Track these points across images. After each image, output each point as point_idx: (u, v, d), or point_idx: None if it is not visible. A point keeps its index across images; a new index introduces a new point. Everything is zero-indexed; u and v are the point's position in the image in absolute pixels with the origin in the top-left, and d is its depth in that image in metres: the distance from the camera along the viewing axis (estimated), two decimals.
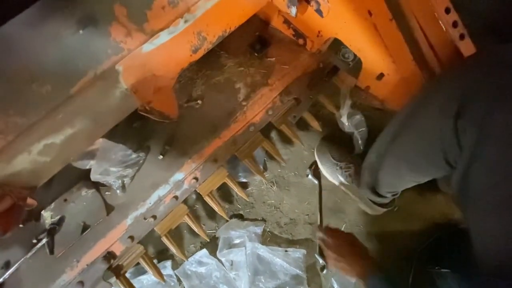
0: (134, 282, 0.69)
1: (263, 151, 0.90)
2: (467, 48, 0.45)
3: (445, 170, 0.44)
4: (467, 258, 0.40)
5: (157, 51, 0.48)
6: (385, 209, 0.73)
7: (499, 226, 0.35)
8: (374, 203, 0.71)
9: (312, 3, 0.60)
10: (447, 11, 0.44)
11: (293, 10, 0.57)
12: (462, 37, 0.45)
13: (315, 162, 0.85)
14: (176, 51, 0.51)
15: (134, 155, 0.69)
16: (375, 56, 0.58)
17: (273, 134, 0.92)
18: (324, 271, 0.75)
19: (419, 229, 0.77)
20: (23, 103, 0.41)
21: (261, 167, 0.89)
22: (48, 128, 0.44)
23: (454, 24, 0.44)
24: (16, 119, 0.41)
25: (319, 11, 0.60)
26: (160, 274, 0.67)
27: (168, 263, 0.82)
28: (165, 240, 0.67)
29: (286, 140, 0.91)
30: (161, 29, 0.47)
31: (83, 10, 0.42)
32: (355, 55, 0.70)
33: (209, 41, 0.55)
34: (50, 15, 0.41)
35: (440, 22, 0.44)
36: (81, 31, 0.43)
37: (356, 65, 0.68)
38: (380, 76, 0.62)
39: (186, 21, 0.48)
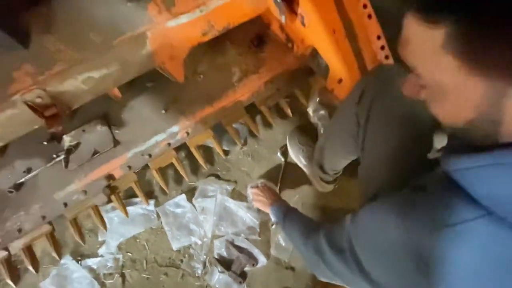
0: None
1: (247, 129, 1.09)
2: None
3: (356, 149, 0.63)
4: None
5: (177, 28, 0.67)
6: (331, 187, 0.92)
7: (377, 173, 0.54)
8: (322, 180, 0.90)
9: (299, 15, 0.80)
10: (378, 38, 0.63)
11: (283, 18, 0.77)
12: (387, 57, 0.64)
13: (285, 145, 1.05)
14: (190, 31, 0.70)
15: None
16: (337, 64, 0.78)
17: (257, 119, 1.11)
18: (273, 227, 0.94)
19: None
20: (81, 44, 0.60)
21: (242, 141, 1.08)
22: (92, 65, 0.63)
23: (382, 48, 0.64)
24: (73, 54, 0.60)
25: (302, 22, 0.80)
26: (146, 199, 0.86)
27: (152, 202, 1.00)
28: (154, 173, 0.86)
29: (267, 125, 1.10)
30: (182, 13, 0.66)
31: None
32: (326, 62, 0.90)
33: (216, 29, 0.74)
34: None
35: (373, 46, 0.63)
36: (128, 4, 0.62)
37: (326, 70, 0.87)
38: (340, 80, 0.81)
39: (201, 11, 0.67)
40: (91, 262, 0.94)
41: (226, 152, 1.06)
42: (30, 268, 0.78)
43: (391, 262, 0.36)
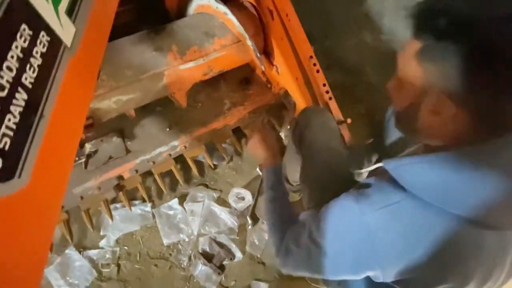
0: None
1: (233, 149, 1.33)
2: (333, 106, 0.92)
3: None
4: None
5: (186, 70, 0.94)
6: (296, 195, 1.15)
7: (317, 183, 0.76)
8: (289, 190, 1.13)
9: (274, 66, 1.10)
10: (324, 85, 0.92)
11: (262, 67, 1.06)
12: (330, 99, 0.93)
13: None
14: (194, 72, 0.98)
15: None
16: (301, 102, 1.06)
17: (242, 141, 1.36)
18: (249, 227, 1.14)
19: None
20: (118, 77, 0.86)
21: (229, 157, 1.32)
22: (123, 91, 0.88)
23: (327, 92, 0.92)
24: (112, 83, 0.86)
25: (277, 71, 1.10)
26: (147, 197, 1.06)
27: (149, 204, 1.19)
28: (156, 177, 1.07)
29: None
30: (191, 60, 0.94)
31: (157, 43, 0.90)
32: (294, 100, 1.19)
33: (214, 72, 1.03)
34: (143, 42, 0.89)
35: (321, 90, 0.92)
36: (153, 52, 0.90)
37: (294, 106, 1.15)
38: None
39: (204, 60, 0.96)
40: (92, 253, 1.10)
41: (214, 166, 1.29)
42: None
43: (348, 236, 0.45)
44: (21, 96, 0.29)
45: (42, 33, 0.33)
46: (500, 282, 0.43)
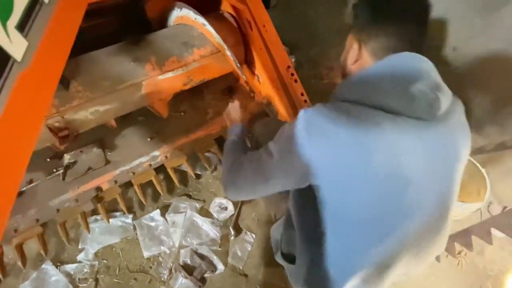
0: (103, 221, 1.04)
1: (217, 158, 1.33)
2: None
3: None
4: None
5: (165, 80, 0.94)
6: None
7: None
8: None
9: (256, 75, 1.11)
10: (302, 94, 0.93)
11: (243, 76, 1.07)
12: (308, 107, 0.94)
13: None
14: (174, 82, 0.98)
15: None
16: (282, 110, 1.06)
17: None
18: (232, 238, 1.12)
19: None
20: (94, 87, 0.85)
21: (213, 167, 1.31)
22: (100, 102, 0.87)
23: (305, 101, 0.93)
24: (88, 94, 0.85)
25: (258, 80, 1.11)
26: (126, 209, 1.04)
27: (130, 215, 1.17)
28: (136, 188, 1.05)
29: None
30: (170, 71, 0.94)
31: (136, 54, 0.90)
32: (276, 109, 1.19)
33: (194, 82, 1.03)
34: (121, 53, 0.89)
35: (300, 99, 0.93)
36: (131, 63, 0.90)
37: (276, 114, 1.16)
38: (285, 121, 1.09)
39: (183, 70, 0.96)
40: (69, 267, 1.06)
41: (198, 176, 1.28)
42: (19, 263, 0.91)
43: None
44: None
45: None
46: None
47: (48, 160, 1.06)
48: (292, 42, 1.72)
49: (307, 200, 0.58)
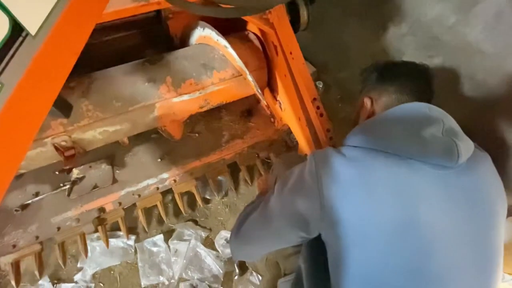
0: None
1: (228, 184, 1.24)
2: None
3: None
4: None
5: (180, 103, 0.88)
6: None
7: None
8: None
9: (278, 101, 1.02)
10: (328, 131, 0.82)
11: (263, 101, 0.98)
12: (333, 144, 0.82)
13: None
14: (190, 105, 0.91)
15: None
16: (303, 142, 0.96)
17: (240, 175, 1.27)
18: (236, 277, 1.02)
19: None
20: (105, 107, 0.81)
21: (223, 192, 1.23)
22: (109, 122, 0.83)
23: (331, 138, 0.82)
24: (98, 113, 0.80)
25: (280, 107, 1.02)
26: (128, 234, 0.98)
27: (133, 237, 1.11)
28: (139, 212, 0.99)
29: (247, 182, 1.25)
30: (186, 94, 0.88)
31: (152, 74, 0.84)
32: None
33: (211, 105, 0.96)
34: (137, 71, 0.84)
35: (325, 135, 0.82)
36: (146, 84, 0.85)
37: (296, 145, 1.06)
38: (305, 155, 0.99)
39: (200, 93, 0.90)
40: (65, 287, 1.02)
41: (207, 201, 1.20)
42: (13, 282, 0.87)
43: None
44: None
45: None
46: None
47: (57, 173, 1.04)
48: (321, 63, 1.62)
49: (318, 259, 0.56)
